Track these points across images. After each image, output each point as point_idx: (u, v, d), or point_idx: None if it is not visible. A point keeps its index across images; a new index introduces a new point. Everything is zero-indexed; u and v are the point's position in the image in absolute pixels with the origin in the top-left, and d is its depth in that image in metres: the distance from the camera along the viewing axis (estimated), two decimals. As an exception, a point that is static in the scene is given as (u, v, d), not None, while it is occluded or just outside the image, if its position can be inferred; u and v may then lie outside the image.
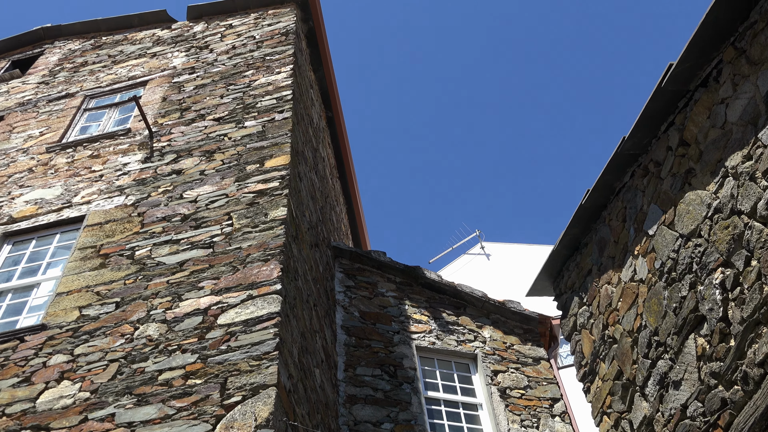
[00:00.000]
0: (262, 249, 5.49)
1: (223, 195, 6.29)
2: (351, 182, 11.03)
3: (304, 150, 7.73)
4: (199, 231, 5.92)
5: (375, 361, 7.26)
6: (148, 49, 9.97)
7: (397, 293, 8.21)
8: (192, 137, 7.35)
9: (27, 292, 6.04)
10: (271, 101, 7.64)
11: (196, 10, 10.44)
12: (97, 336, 5.10)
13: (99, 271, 5.76)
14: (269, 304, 4.95)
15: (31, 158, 7.86)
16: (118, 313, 5.27)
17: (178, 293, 5.29)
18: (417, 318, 8.00)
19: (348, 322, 7.60)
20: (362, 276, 8.27)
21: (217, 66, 8.81)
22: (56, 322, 5.32)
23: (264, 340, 4.65)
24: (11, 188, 7.35)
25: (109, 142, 7.74)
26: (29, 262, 6.37)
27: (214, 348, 4.72)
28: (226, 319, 4.93)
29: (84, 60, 10.22)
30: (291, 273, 5.56)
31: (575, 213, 5.52)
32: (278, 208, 5.92)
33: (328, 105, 10.49)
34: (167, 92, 8.49)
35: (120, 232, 6.16)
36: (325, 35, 10.02)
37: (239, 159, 6.74)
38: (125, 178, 6.98)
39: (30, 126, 8.63)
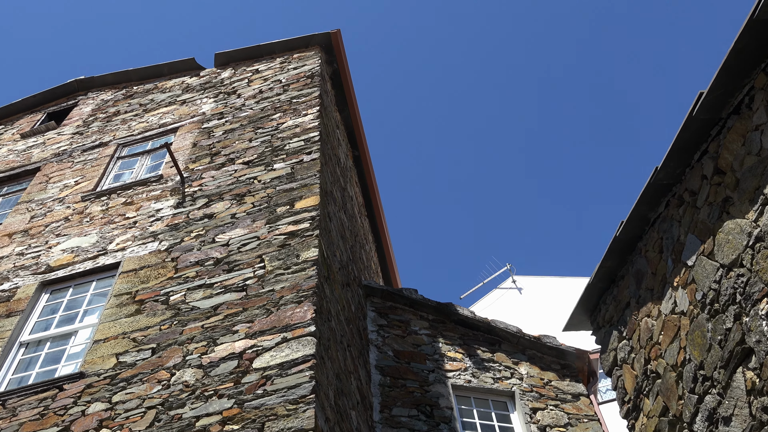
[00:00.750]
0: (294, 291, 5.50)
1: (254, 238, 6.33)
2: (379, 220, 11.05)
3: (333, 190, 7.79)
4: (232, 274, 5.95)
5: (411, 401, 7.15)
6: (177, 96, 10.22)
7: (431, 331, 8.12)
8: (222, 181, 7.46)
9: (65, 340, 6.11)
10: (299, 143, 7.74)
11: (223, 57, 10.70)
12: (134, 383, 5.11)
13: (135, 318, 5.81)
14: (304, 346, 4.93)
15: (67, 207, 8.03)
16: (155, 359, 5.29)
17: (213, 338, 5.30)
18: (451, 356, 7.89)
19: (382, 361, 7.52)
20: (394, 314, 8.21)
21: (245, 110, 8.98)
22: (94, 370, 5.35)
23: (300, 384, 4.61)
24: (48, 237, 7.50)
25: (142, 189, 7.88)
26: (67, 310, 6.46)
27: (250, 392, 4.70)
28: (262, 362, 4.92)
29: (116, 109, 10.51)
30: (324, 314, 5.54)
31: (610, 245, 5.44)
32: (309, 249, 5.94)
33: (354, 144, 10.60)
34: (197, 138, 8.67)
35: (154, 278, 6.23)
36: (350, 76, 10.18)
37: (269, 201, 6.80)
38: (158, 223, 7.08)
39: (65, 176, 8.85)
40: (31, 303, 6.51)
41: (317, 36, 10.10)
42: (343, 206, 8.42)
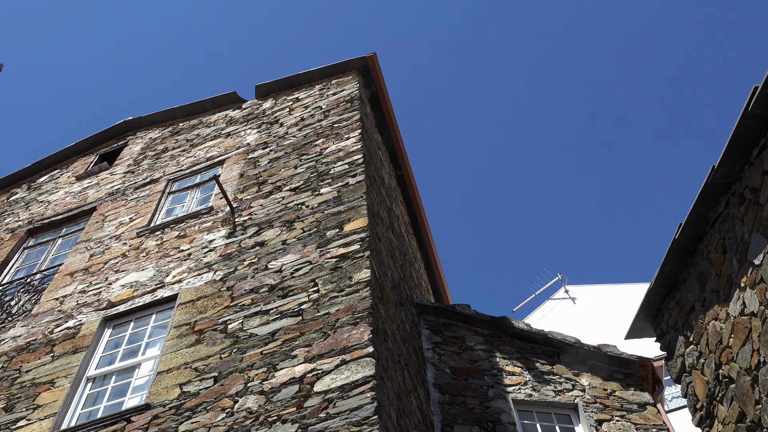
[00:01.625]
0: (350, 313, 5.52)
1: (306, 262, 6.39)
2: (426, 237, 11.02)
3: (380, 210, 7.82)
4: (287, 300, 6.01)
5: (472, 418, 7.05)
6: (222, 129, 10.47)
7: (487, 346, 8.02)
8: (271, 209, 7.57)
9: (129, 373, 6.25)
10: (344, 166, 7.81)
11: (264, 89, 10.93)
12: (199, 412, 5.19)
13: (195, 348, 5.91)
14: (363, 367, 4.93)
15: (124, 244, 8.27)
16: (217, 387, 5.36)
17: (273, 363, 5.35)
18: (510, 370, 7.76)
19: (440, 379, 7.45)
20: (449, 331, 8.14)
21: (289, 138, 9.13)
22: (159, 401, 5.46)
23: (362, 405, 4.61)
24: (108, 274, 7.72)
25: (194, 222, 8.06)
26: (129, 343, 6.62)
27: (313, 416, 4.71)
28: (322, 386, 4.93)
29: (165, 146, 10.81)
30: (381, 334, 5.54)
31: (669, 248, 5.29)
32: (362, 270, 5.96)
33: (397, 164, 10.64)
34: (244, 168, 8.84)
35: (212, 308, 6.34)
36: (388, 97, 10.26)
37: (318, 225, 6.87)
38: (212, 254, 7.22)
39: (120, 213, 9.13)
40: (95, 339, 6.69)
41: (354, 61, 10.23)
42: (391, 226, 8.44)
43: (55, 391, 6.11)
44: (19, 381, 6.45)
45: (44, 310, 7.52)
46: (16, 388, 6.36)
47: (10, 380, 6.52)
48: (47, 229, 9.82)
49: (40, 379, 6.35)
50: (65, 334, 6.88)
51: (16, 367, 6.71)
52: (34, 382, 6.35)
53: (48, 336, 6.98)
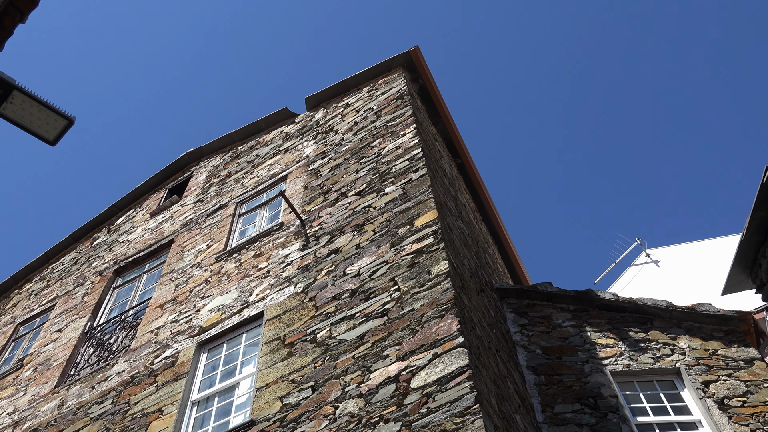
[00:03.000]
0: (434, 306, 5.53)
1: (383, 263, 6.44)
2: (495, 221, 10.91)
3: (447, 201, 7.80)
4: (369, 302, 6.08)
5: (571, 395, 6.93)
6: (279, 146, 10.68)
7: (575, 321, 7.87)
8: (340, 216, 7.67)
9: (230, 392, 6.46)
10: (404, 163, 7.83)
11: (313, 100, 11.08)
12: (302, 422, 5.31)
13: (289, 360, 6.05)
14: (456, 358, 4.93)
15: (205, 270, 8.55)
16: (316, 396, 5.47)
17: (366, 366, 5.41)
18: (603, 342, 7.59)
19: (532, 361, 7.36)
20: (534, 311, 8.03)
21: (346, 144, 9.23)
22: (263, 416, 5.62)
23: (462, 396, 4.61)
24: (195, 301, 8.01)
25: (268, 239, 8.26)
26: (225, 364, 6.84)
27: (414, 412, 4.74)
28: (419, 381, 4.96)
29: (228, 171, 11.12)
30: (468, 323, 5.53)
31: (758, 193, 5.05)
32: (439, 263, 5.96)
33: (455, 153, 10.58)
34: (307, 180, 8.99)
35: (298, 320, 6.47)
36: (437, 88, 10.22)
37: (389, 225, 6.91)
38: (290, 268, 7.38)
39: (197, 242, 9.44)
40: (193, 364, 6.95)
41: (397, 57, 10.24)
42: (459, 215, 8.40)
43: (164, 419, 6.38)
44: (130, 413, 6.77)
45: (142, 343, 7.87)
46: (128, 420, 6.68)
47: (121, 414, 6.85)
48: (132, 267, 10.27)
49: (149, 408, 6.65)
50: (165, 364, 7.17)
51: (125, 400, 7.04)
52: (143, 412, 6.65)
53: (149, 367, 7.30)
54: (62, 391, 7.97)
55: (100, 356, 8.39)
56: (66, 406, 7.63)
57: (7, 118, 3.88)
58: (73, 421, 7.28)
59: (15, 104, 3.86)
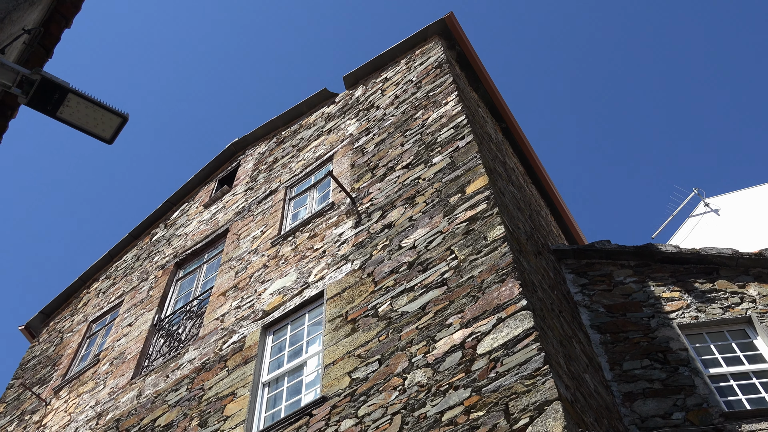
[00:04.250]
0: (493, 271, 5.50)
1: (437, 233, 6.44)
2: (546, 183, 10.75)
3: (496, 166, 7.71)
4: (427, 273, 6.09)
5: (639, 352, 6.83)
6: (322, 127, 10.72)
7: (637, 277, 7.72)
8: (390, 190, 7.68)
9: (298, 372, 6.61)
10: (449, 131, 7.77)
11: (352, 78, 11.06)
12: (372, 395, 5.39)
13: (353, 336, 6.14)
14: (521, 321, 4.91)
15: (262, 255, 8.71)
16: (383, 369, 5.55)
17: (431, 335, 5.45)
18: (668, 296, 7.44)
19: (596, 320, 7.28)
20: (593, 270, 7.92)
21: (388, 119, 9.20)
22: (333, 392, 5.73)
23: (530, 358, 4.60)
24: (255, 286, 8.18)
25: (320, 220, 8.35)
26: (291, 345, 6.99)
27: (483, 378, 4.76)
28: (485, 347, 4.97)
29: (274, 157, 11.25)
30: (529, 286, 5.49)
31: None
32: (494, 228, 5.92)
33: (499, 117, 10.43)
34: (353, 158, 9.02)
35: (358, 296, 6.55)
36: (475, 53, 10.06)
37: (440, 195, 6.89)
38: (345, 246, 7.45)
39: (251, 229, 9.62)
40: (260, 347, 7.12)
41: (432, 26, 10.11)
42: (509, 179, 8.31)
43: (238, 401, 6.58)
44: (205, 398, 7.00)
45: (209, 331, 8.10)
46: (204, 404, 6.91)
47: (197, 399, 7.10)
48: (191, 258, 10.54)
49: (222, 392, 6.86)
50: (233, 348, 7.37)
51: (198, 386, 7.29)
52: (217, 396, 6.87)
53: (219, 353, 7.52)
54: (139, 382, 8.30)
55: (171, 346, 8.69)
56: (144, 395, 7.94)
57: (65, 121, 4.01)
58: (152, 410, 7.58)
59: (71, 107, 3.98)
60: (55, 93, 3.91)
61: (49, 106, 3.95)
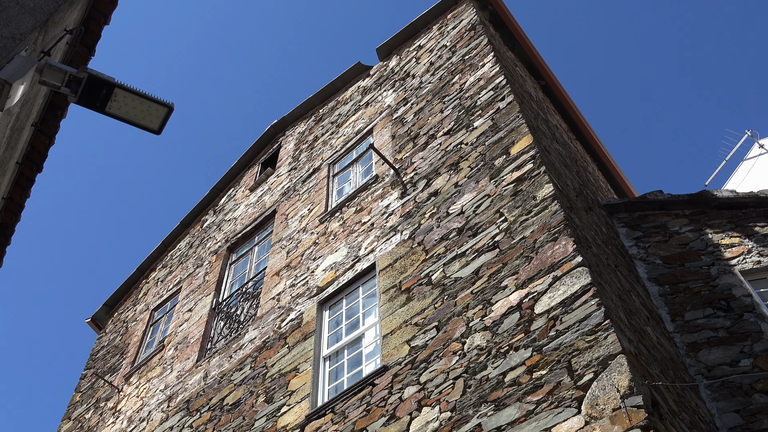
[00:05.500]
0: (545, 230, 5.45)
1: (485, 197, 6.40)
2: (590, 138, 10.53)
3: (539, 125, 7.59)
4: (478, 237, 6.08)
5: (701, 301, 6.70)
6: (359, 101, 10.71)
7: (693, 226, 7.54)
8: (432, 158, 7.65)
9: (357, 344, 6.71)
10: (489, 93, 7.66)
11: (385, 49, 10.97)
12: (433, 361, 5.45)
13: (408, 305, 6.19)
14: (578, 278, 4.86)
15: (311, 233, 8.82)
16: (441, 335, 5.59)
17: (486, 299, 5.45)
18: (727, 243, 7.24)
19: (653, 272, 7.15)
20: (647, 222, 7.76)
21: (425, 86, 9.12)
22: (394, 361, 5.81)
23: (590, 314, 4.56)
24: (308, 264, 8.30)
25: (365, 194, 8.38)
26: (348, 318, 7.10)
27: (543, 337, 4.75)
28: (542, 306, 4.95)
29: (314, 135, 11.31)
30: (583, 242, 5.42)
31: None
32: (543, 186, 5.84)
33: (537, 75, 10.22)
34: (393, 129, 8.99)
35: (410, 266, 6.58)
36: (508, 12, 9.84)
37: (484, 158, 6.83)
38: (392, 218, 7.47)
39: (298, 208, 9.74)
40: (317, 323, 7.26)
41: (462, -13, 9.91)
42: (554, 137, 8.17)
43: (301, 376, 6.74)
44: (269, 375, 7.19)
45: (266, 310, 8.29)
46: (269, 381, 7.10)
47: (261, 376, 7.30)
48: (242, 241, 10.75)
49: (285, 368, 7.04)
50: (292, 326, 7.53)
51: (261, 364, 7.49)
52: (281, 372, 7.05)
53: (278, 331, 7.69)
54: (204, 364, 8.57)
55: (231, 328, 8.92)
56: (210, 376, 8.21)
57: (113, 115, 4.11)
58: (219, 389, 7.83)
59: (118, 101, 4.07)
60: (102, 89, 4.00)
61: (98, 102, 4.05)
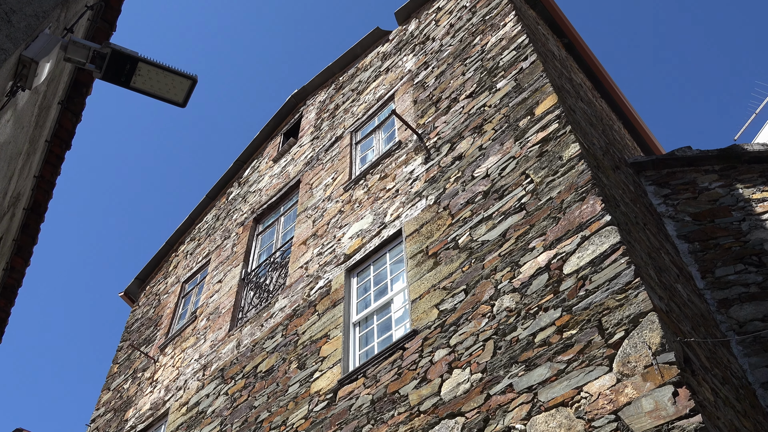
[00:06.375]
0: (572, 190, 5.40)
1: (510, 159, 6.35)
2: (616, 96, 10.33)
3: (563, 84, 7.46)
4: (504, 200, 6.05)
5: (731, 257, 6.62)
6: (379, 67, 10.61)
7: (723, 181, 7.41)
8: (455, 122, 7.58)
9: (386, 309, 6.78)
10: (511, 53, 7.54)
11: (403, 13, 10.82)
12: (462, 324, 5.49)
13: (436, 270, 6.22)
14: (606, 237, 4.83)
15: (336, 202, 8.86)
16: (470, 298, 5.61)
17: (514, 261, 5.45)
18: (758, 197, 7.12)
19: (682, 229, 7.07)
20: (675, 179, 7.65)
21: (446, 49, 9.00)
22: (423, 324, 5.86)
23: (620, 272, 4.54)
24: (334, 232, 8.36)
25: (389, 160, 8.37)
26: (376, 284, 7.16)
27: (572, 297, 4.75)
28: (571, 266, 4.93)
29: (335, 104, 11.26)
30: (611, 201, 5.37)
31: None
32: (569, 146, 5.78)
33: (560, 33, 10.01)
34: (414, 94, 8.92)
35: (436, 230, 6.59)
36: (528, -33, 9.60)
37: (508, 120, 6.75)
38: (417, 183, 7.46)
39: (322, 177, 9.76)
40: (346, 290, 7.33)
41: (480, -55, 9.67)
42: (578, 96, 8.03)
43: (332, 342, 6.84)
44: (300, 342, 7.31)
45: (295, 279, 8.39)
46: (300, 348, 7.23)
47: (293, 344, 7.43)
48: (268, 212, 10.84)
49: (316, 335, 7.15)
50: (320, 293, 7.62)
51: (293, 332, 7.61)
52: (312, 339, 7.16)
53: (307, 299, 7.79)
54: (236, 333, 8.74)
55: (261, 297, 9.06)
56: (243, 345, 8.37)
57: (139, 90, 4.13)
58: (252, 357, 7.99)
59: (143, 75, 4.09)
60: (126, 64, 4.02)
61: (122, 77, 4.07)
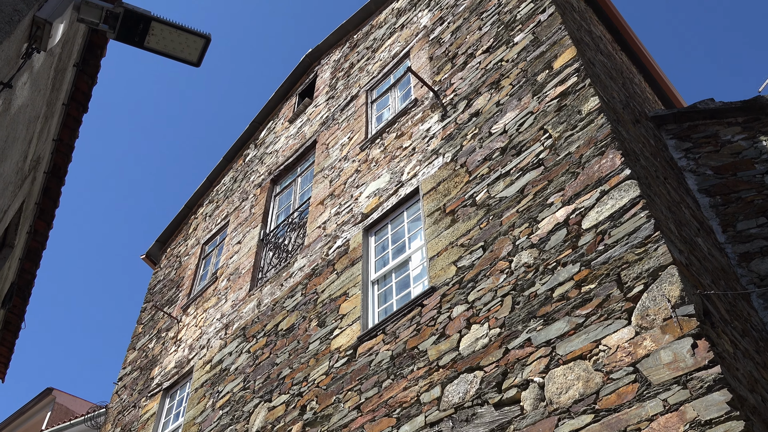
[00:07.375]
0: (591, 144, 5.34)
1: (528, 114, 6.26)
2: (636, 48, 10.09)
3: (582, 36, 7.29)
4: (522, 156, 5.99)
5: (753, 211, 6.54)
6: (394, 24, 10.44)
7: (747, 134, 7.27)
8: (472, 78, 7.48)
9: (404, 267, 6.82)
10: (528, 6, 7.37)
11: (417, -34, 10.56)
12: (480, 280, 5.51)
13: (453, 227, 6.22)
14: (626, 191, 4.78)
15: (353, 161, 8.84)
16: (488, 255, 5.62)
17: (532, 217, 5.43)
18: (782, 150, 6.98)
19: (703, 183, 6.98)
20: (697, 132, 7.52)
21: (461, 3, 8.82)
22: (441, 281, 5.89)
23: (639, 226, 4.51)
24: (351, 191, 8.37)
25: (405, 118, 8.30)
26: (393, 243, 7.18)
27: (591, 251, 4.73)
28: (590, 221, 4.90)
29: (350, 63, 11.14)
30: (631, 155, 5.30)
31: None
32: (588, 100, 5.68)
33: (579, -17, 9.73)
34: (430, 51, 8.78)
35: (454, 188, 6.57)
36: None
37: (526, 74, 6.64)
38: (434, 141, 7.41)
39: (338, 137, 9.73)
40: (364, 248, 7.37)
41: None
42: (598, 48, 7.85)
43: (351, 300, 6.92)
44: (320, 301, 7.40)
45: (313, 239, 8.44)
46: (320, 306, 7.32)
47: (312, 302, 7.52)
48: (285, 173, 10.86)
49: (335, 294, 7.22)
50: (339, 252, 7.67)
51: (312, 291, 7.70)
52: (331, 297, 7.24)
53: (326, 258, 7.86)
54: (256, 293, 8.86)
55: (280, 257, 9.15)
56: (263, 304, 8.50)
57: (153, 50, 4.11)
58: (272, 316, 8.12)
59: (156, 35, 4.06)
60: (140, 24, 3.99)
61: (136, 37, 4.05)
